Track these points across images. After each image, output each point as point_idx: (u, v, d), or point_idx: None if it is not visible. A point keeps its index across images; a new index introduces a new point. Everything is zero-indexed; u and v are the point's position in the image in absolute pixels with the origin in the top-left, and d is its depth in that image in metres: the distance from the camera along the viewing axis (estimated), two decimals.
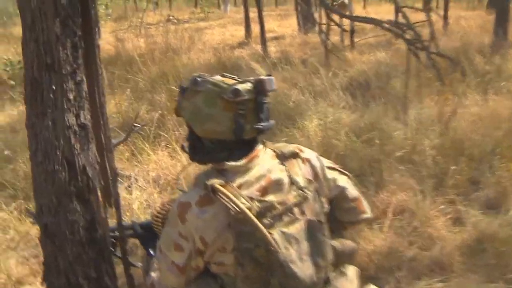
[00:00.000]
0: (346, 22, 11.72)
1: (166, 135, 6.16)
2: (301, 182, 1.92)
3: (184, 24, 17.33)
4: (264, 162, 1.90)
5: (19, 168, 5.66)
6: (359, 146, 5.62)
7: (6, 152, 6.11)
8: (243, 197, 1.77)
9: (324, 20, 10.38)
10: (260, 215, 1.77)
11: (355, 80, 8.75)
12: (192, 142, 1.96)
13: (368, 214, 2.17)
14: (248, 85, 1.85)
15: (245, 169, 1.85)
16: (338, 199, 2.10)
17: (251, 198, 1.79)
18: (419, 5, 14.89)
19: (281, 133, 6.27)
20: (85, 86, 2.31)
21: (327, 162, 2.12)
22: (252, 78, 1.90)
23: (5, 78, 10.29)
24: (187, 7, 25.47)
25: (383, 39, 12.98)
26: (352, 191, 2.14)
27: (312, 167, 2.01)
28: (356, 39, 12.76)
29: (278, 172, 1.89)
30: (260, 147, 1.94)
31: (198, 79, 1.88)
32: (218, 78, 1.91)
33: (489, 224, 4.09)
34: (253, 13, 14.78)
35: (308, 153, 2.06)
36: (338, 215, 2.14)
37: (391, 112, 6.75)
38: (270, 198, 1.83)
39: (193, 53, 11.55)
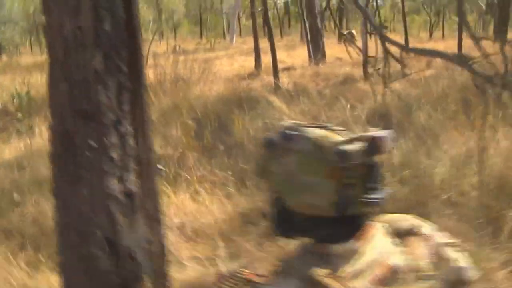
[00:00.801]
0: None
1: (187, 175, 5.76)
2: (426, 268, 1.46)
3: (191, 55, 17.11)
4: (376, 242, 1.43)
5: (27, 212, 5.22)
6: (395, 186, 5.22)
7: (15, 195, 5.63)
8: None
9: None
10: None
11: (376, 112, 8.41)
12: (278, 212, 1.47)
13: None
14: (358, 145, 1.36)
15: (354, 253, 1.39)
16: (454, 284, 1.62)
17: None
18: None
19: None
20: (132, 141, 1.79)
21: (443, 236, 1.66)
22: (362, 134, 1.41)
23: (12, 110, 9.97)
24: (192, 38, 25.40)
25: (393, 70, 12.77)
26: (470, 271, 1.67)
27: (435, 246, 1.53)
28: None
29: (396, 255, 1.44)
30: (370, 222, 1.47)
31: (292, 132, 1.39)
32: (318, 132, 1.40)
33: None
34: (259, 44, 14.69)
35: (427, 227, 1.57)
36: None
37: (421, 147, 6.41)
38: None
39: (203, 84, 11.28)
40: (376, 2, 25.46)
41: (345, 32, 27.59)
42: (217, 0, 40.14)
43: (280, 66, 14.43)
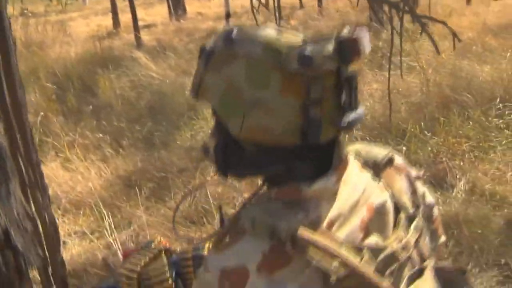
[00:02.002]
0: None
1: (54, 142, 5.21)
2: (409, 205, 1.18)
3: (42, 18, 15.83)
4: (353, 178, 1.10)
5: None
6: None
7: None
8: (345, 247, 0.99)
9: None
10: (378, 274, 1.02)
11: None
12: (223, 145, 1.12)
13: (444, 237, 1.37)
14: (326, 48, 0.97)
15: (331, 195, 1.05)
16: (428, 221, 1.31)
17: (357, 248, 1.01)
18: None
19: (187, 126, 5.64)
20: None
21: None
22: (329, 35, 1.01)
23: None
24: (41, 0, 23.56)
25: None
26: (436, 208, 1.38)
27: (410, 179, 1.25)
28: None
29: (378, 193, 1.13)
30: (343, 153, 1.11)
31: (235, 35, 1.02)
32: (269, 33, 1.01)
33: None
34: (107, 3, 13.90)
35: (398, 158, 1.26)
36: None
37: None
38: (375, 239, 1.07)
39: (59, 47, 10.41)
40: None
41: None
42: None
43: (140, 24, 13.78)
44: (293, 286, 0.96)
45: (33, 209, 1.33)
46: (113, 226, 3.68)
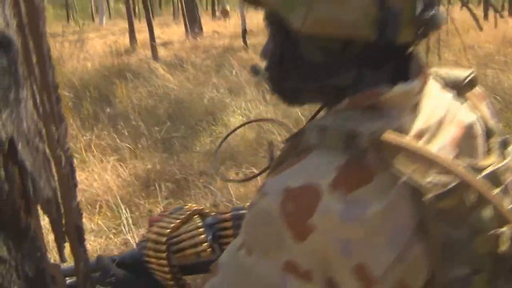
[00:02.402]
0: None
1: (71, 144, 5.12)
2: (497, 129, 1.00)
3: (59, 37, 15.96)
4: (435, 93, 0.94)
5: None
6: None
7: None
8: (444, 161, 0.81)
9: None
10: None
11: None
12: (279, 54, 0.93)
13: None
14: None
15: (415, 105, 0.88)
16: None
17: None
18: None
19: (205, 131, 5.56)
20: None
21: None
22: None
23: None
24: (58, 21, 23.88)
25: None
26: None
27: (492, 108, 1.08)
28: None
29: (466, 113, 0.96)
30: (423, 62, 0.94)
31: None
32: None
33: None
34: (124, 23, 14.00)
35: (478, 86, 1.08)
36: None
37: None
38: (469, 160, 0.87)
39: (76, 61, 10.46)
40: None
41: (220, 8, 27.61)
42: None
43: (156, 42, 13.87)
44: (376, 207, 0.77)
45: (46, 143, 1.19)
46: (131, 223, 3.55)
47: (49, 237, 1.41)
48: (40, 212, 1.07)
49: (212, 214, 1.41)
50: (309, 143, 0.83)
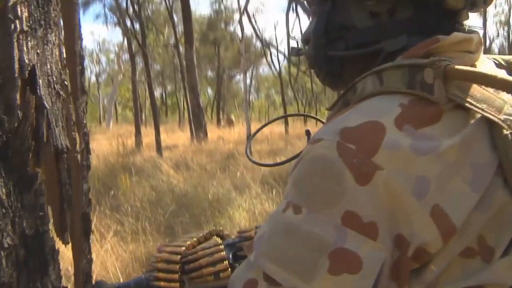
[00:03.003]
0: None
1: None
2: None
3: None
4: (488, 66, 0.87)
5: None
6: None
7: None
8: None
9: None
10: None
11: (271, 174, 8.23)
12: (325, 21, 0.88)
13: None
14: None
15: (473, 57, 0.81)
16: None
17: None
18: None
19: (209, 222, 5.45)
20: None
21: None
22: None
23: None
24: None
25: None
26: None
27: None
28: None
29: None
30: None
31: None
32: None
33: None
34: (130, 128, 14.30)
35: None
36: None
37: None
38: None
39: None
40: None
41: (225, 117, 28.31)
42: (94, 86, 39.69)
43: (162, 145, 14.06)
44: (451, 141, 0.67)
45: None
46: None
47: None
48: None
49: (234, 234, 1.27)
50: (363, 93, 0.76)
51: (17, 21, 0.96)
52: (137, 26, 15.81)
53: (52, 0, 1.06)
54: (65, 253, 1.60)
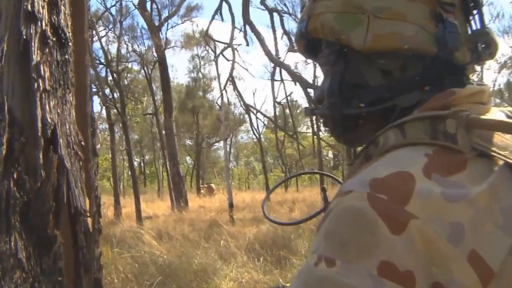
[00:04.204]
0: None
1: None
2: None
3: None
4: (500, 115, 0.91)
5: None
6: None
7: None
8: None
9: None
10: None
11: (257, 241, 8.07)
12: (339, 81, 0.91)
13: None
14: None
15: (486, 108, 0.86)
16: None
17: None
18: None
19: None
20: None
21: None
22: None
23: None
24: None
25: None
26: None
27: None
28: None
29: None
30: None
31: None
32: None
33: None
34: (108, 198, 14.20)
35: None
36: None
37: None
38: None
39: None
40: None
41: (205, 185, 28.13)
42: None
43: (142, 215, 13.82)
44: (479, 188, 0.68)
45: None
46: None
47: None
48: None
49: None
50: (386, 146, 0.79)
51: (40, 80, 0.96)
52: (116, 95, 15.86)
53: (70, 60, 1.06)
54: None
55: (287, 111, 20.70)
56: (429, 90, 0.83)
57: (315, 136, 22.41)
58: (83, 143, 1.18)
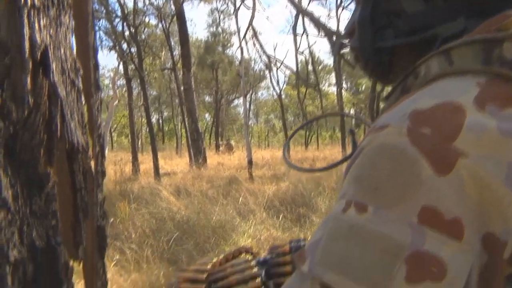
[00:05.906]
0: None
1: None
2: None
3: None
4: None
5: None
6: None
7: None
8: None
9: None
10: None
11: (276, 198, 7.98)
12: (371, 9, 0.82)
13: None
14: None
15: None
16: None
17: None
18: None
19: (213, 251, 5.17)
20: None
21: None
22: None
23: None
24: None
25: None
26: None
27: None
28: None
29: None
30: None
31: None
32: None
33: None
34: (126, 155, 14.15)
35: None
36: None
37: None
38: None
39: None
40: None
41: (224, 142, 28.15)
42: None
43: (160, 171, 13.79)
44: None
45: None
46: None
47: None
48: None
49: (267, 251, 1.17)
50: (428, 76, 0.68)
51: None
52: (133, 49, 15.67)
53: None
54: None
55: (310, 67, 20.32)
56: (476, 17, 0.72)
57: (337, 89, 22.02)
58: (81, 72, 1.03)
